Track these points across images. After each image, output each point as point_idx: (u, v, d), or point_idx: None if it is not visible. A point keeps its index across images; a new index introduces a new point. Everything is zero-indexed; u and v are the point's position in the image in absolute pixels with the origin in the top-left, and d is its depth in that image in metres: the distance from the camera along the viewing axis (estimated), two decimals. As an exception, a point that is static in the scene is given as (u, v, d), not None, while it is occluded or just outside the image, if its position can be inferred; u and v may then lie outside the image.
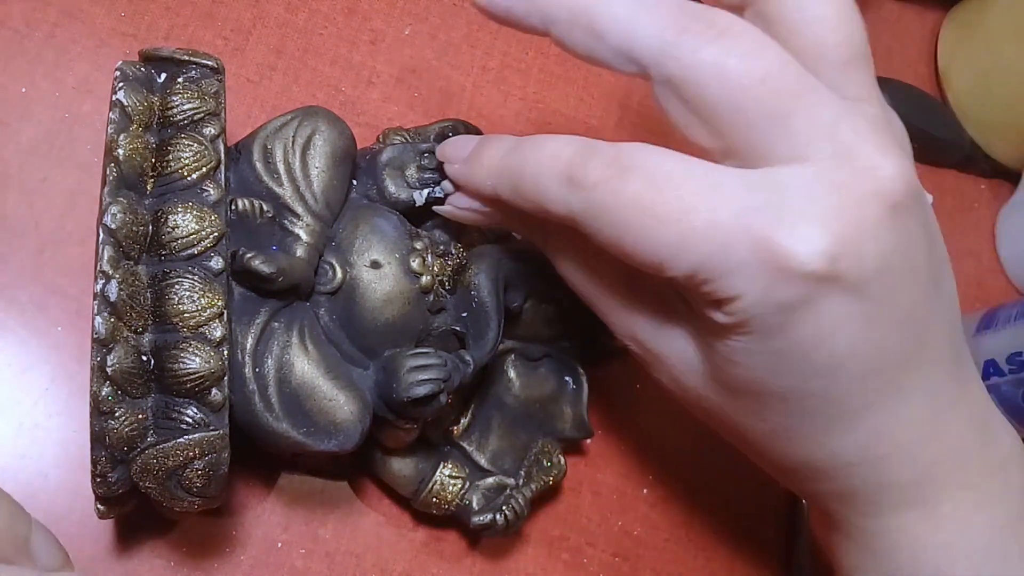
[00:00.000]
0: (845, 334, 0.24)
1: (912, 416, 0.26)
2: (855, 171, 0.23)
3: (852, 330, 0.24)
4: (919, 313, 0.25)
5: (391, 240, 0.29)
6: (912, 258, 0.24)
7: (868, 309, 0.23)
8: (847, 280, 0.23)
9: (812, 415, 0.26)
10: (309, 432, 0.27)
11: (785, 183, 0.23)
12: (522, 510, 0.32)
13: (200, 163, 0.26)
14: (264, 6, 0.38)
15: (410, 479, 0.32)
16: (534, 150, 0.26)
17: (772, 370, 0.25)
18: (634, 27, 0.23)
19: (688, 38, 0.23)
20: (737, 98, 0.23)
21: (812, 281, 0.22)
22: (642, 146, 0.24)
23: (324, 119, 0.29)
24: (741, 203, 0.23)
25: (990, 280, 0.48)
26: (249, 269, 0.26)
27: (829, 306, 0.23)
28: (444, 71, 0.40)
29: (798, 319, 0.23)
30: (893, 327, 0.24)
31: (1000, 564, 0.28)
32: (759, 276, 0.23)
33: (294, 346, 0.27)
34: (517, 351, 0.34)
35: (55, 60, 0.34)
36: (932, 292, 0.26)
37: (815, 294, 0.23)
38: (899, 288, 0.24)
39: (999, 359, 0.40)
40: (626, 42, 0.24)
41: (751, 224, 0.22)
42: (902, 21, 0.52)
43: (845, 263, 0.23)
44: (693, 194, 0.23)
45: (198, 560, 0.31)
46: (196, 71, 0.27)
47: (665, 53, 0.23)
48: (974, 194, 0.50)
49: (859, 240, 0.23)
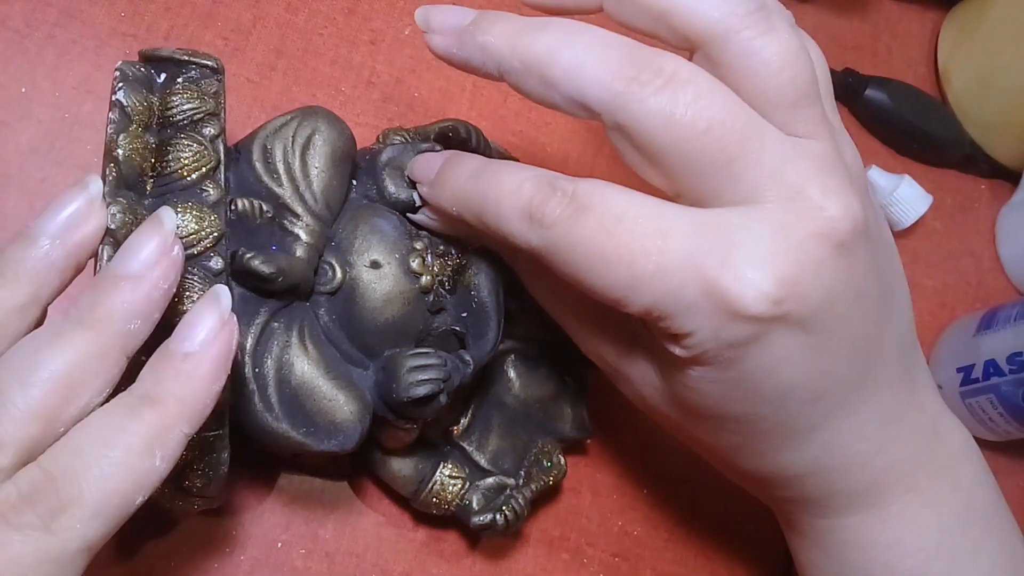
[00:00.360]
0: (792, 365, 0.25)
1: (861, 431, 0.28)
2: (800, 212, 0.24)
3: (799, 361, 0.25)
4: (867, 337, 0.26)
5: (391, 240, 0.29)
6: (860, 289, 0.25)
7: (814, 341, 0.25)
8: (792, 318, 0.24)
9: (765, 435, 0.27)
10: (309, 432, 0.27)
11: (733, 224, 0.24)
12: (522, 510, 0.32)
13: (200, 163, 0.26)
14: (264, 6, 0.38)
15: (410, 479, 0.32)
16: (495, 183, 0.26)
17: (726, 397, 0.26)
18: (584, 77, 0.24)
19: (636, 88, 0.24)
20: (683, 147, 0.24)
21: (758, 322, 0.23)
22: (598, 184, 0.25)
23: (324, 119, 0.29)
24: (690, 246, 0.23)
25: (990, 280, 0.48)
26: (249, 269, 0.26)
27: (776, 341, 0.24)
28: (444, 71, 0.40)
29: (747, 354, 0.24)
30: (840, 355, 0.26)
31: (949, 560, 0.29)
32: (709, 316, 0.24)
33: (294, 346, 0.27)
34: (517, 351, 0.34)
35: (55, 60, 0.34)
36: (881, 315, 0.27)
37: (762, 332, 0.24)
38: (845, 319, 0.25)
39: (999, 359, 0.40)
40: (577, 91, 0.24)
41: (699, 267, 0.23)
42: (902, 21, 0.52)
43: (789, 304, 0.23)
44: (643, 236, 0.23)
45: (198, 560, 0.31)
46: (196, 71, 0.27)
47: (614, 103, 0.24)
48: (974, 194, 0.50)
49: (803, 280, 0.23)
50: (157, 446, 0.21)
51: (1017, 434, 0.42)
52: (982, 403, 0.41)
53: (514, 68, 0.25)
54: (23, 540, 0.20)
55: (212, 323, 0.23)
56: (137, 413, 0.21)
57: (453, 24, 0.27)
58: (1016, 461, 0.45)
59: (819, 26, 0.50)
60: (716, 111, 0.24)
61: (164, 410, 0.22)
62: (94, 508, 0.20)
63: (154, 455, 0.21)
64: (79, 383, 0.21)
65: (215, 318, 0.23)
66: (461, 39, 0.26)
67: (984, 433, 0.43)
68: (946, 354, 0.44)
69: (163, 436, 0.21)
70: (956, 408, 0.43)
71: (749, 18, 0.24)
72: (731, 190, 0.24)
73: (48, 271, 0.23)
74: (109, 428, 0.21)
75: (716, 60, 0.25)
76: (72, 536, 0.20)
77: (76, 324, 0.22)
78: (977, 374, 0.41)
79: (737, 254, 0.23)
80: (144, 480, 0.21)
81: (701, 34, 0.25)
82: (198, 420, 0.22)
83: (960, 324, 0.44)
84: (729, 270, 0.23)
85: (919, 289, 0.46)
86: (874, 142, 0.48)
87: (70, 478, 0.20)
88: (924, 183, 0.46)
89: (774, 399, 0.26)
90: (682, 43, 0.25)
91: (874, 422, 0.28)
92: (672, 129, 0.23)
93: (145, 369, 0.22)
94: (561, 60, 0.24)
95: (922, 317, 0.46)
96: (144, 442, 0.21)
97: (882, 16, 0.51)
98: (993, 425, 0.42)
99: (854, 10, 0.51)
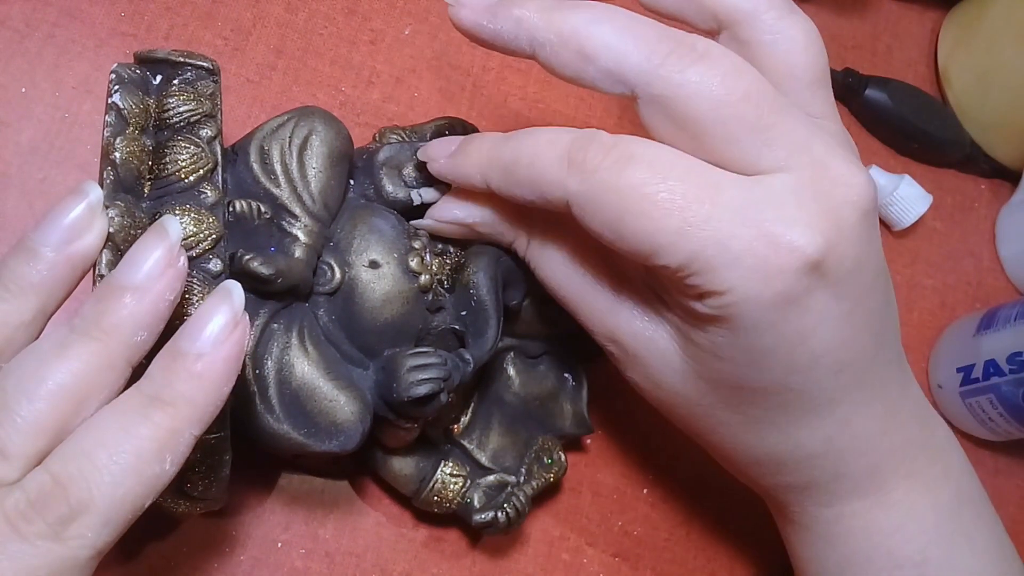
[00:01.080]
0: (824, 331, 0.25)
1: (871, 411, 0.28)
2: (831, 181, 0.25)
3: (830, 327, 0.25)
4: (881, 314, 0.27)
5: (389, 240, 0.29)
6: (877, 262, 0.26)
7: (844, 308, 0.25)
8: (830, 278, 0.24)
9: (787, 408, 0.27)
10: (310, 433, 0.27)
11: (776, 186, 0.24)
12: (523, 507, 0.32)
13: (197, 165, 0.26)
14: (264, 6, 0.38)
15: (411, 478, 0.32)
16: (529, 136, 0.27)
17: (755, 365, 0.26)
18: (623, 50, 0.25)
19: (674, 60, 0.24)
20: (722, 112, 0.24)
21: (804, 276, 0.24)
22: (643, 139, 0.25)
23: (320, 119, 0.29)
24: (742, 199, 0.24)
25: (990, 280, 0.48)
26: (248, 271, 0.26)
27: (814, 303, 0.25)
28: (444, 71, 0.40)
29: (785, 316, 0.25)
30: (862, 326, 0.26)
31: (947, 544, 0.30)
32: (755, 270, 0.24)
33: (294, 347, 0.27)
34: (516, 349, 0.34)
35: (55, 60, 0.34)
36: (889, 295, 0.28)
37: (803, 290, 0.24)
38: (869, 289, 0.26)
39: (999, 359, 0.40)
40: (616, 64, 0.25)
41: (752, 219, 0.24)
42: (902, 21, 0.52)
43: (829, 264, 0.24)
44: (696, 186, 0.24)
45: (198, 560, 0.31)
46: (192, 73, 0.27)
47: (653, 74, 0.25)
48: (974, 194, 0.50)
49: (841, 242, 0.24)
50: (167, 450, 0.21)
51: (1017, 434, 0.42)
52: (982, 403, 0.41)
53: (549, 41, 0.26)
54: (34, 552, 0.19)
55: (225, 321, 0.22)
56: (147, 415, 0.21)
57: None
58: (1016, 461, 0.45)
59: (819, 26, 0.49)
60: (750, 82, 0.25)
61: (175, 412, 0.21)
62: (105, 515, 0.20)
63: (164, 459, 0.21)
64: (85, 395, 0.21)
65: (228, 316, 0.22)
66: (494, 12, 0.27)
67: (984, 433, 0.43)
68: (946, 354, 0.44)
69: (173, 440, 0.21)
70: (956, 408, 0.43)
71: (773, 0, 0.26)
72: (768, 156, 0.25)
73: (53, 284, 0.22)
74: (119, 431, 0.21)
75: (743, 39, 0.27)
76: (82, 544, 0.20)
77: (81, 335, 0.21)
78: (977, 374, 0.41)
79: (786, 210, 0.24)
80: (154, 484, 0.21)
81: (729, 13, 0.27)
82: (207, 422, 0.22)
83: (960, 324, 0.44)
84: (782, 223, 0.24)
85: (919, 289, 0.46)
86: (874, 142, 0.48)
87: (80, 484, 0.20)
88: (924, 183, 0.46)
89: (803, 367, 0.26)
90: (710, 22, 0.27)
91: (882, 402, 0.28)
92: (712, 96, 0.24)
93: (154, 367, 0.22)
94: (599, 33, 0.25)
95: (922, 317, 0.46)
96: (155, 446, 0.21)
97: (882, 16, 0.51)
98: (993, 425, 0.42)
99: (854, 10, 0.51)
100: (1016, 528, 0.44)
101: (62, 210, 0.23)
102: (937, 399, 0.44)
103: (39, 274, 0.22)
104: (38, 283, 0.22)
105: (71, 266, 0.22)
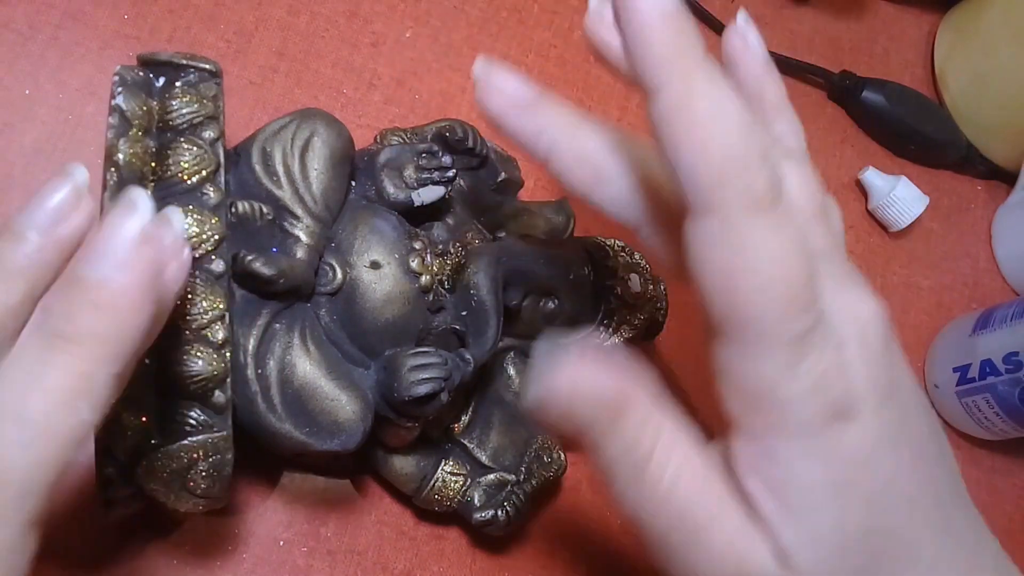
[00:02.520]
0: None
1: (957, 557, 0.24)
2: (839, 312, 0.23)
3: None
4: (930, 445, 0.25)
5: (390, 240, 0.29)
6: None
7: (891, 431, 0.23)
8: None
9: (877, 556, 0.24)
10: (312, 432, 0.27)
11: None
12: (523, 505, 0.32)
13: (200, 167, 0.26)
14: (266, 9, 0.38)
15: (412, 477, 0.32)
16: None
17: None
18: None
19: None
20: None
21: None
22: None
23: (322, 121, 0.29)
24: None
25: (986, 280, 0.48)
26: (250, 271, 0.26)
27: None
28: (445, 73, 0.41)
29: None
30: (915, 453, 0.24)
31: None
32: None
33: (296, 347, 0.27)
34: (517, 348, 0.35)
35: (58, 62, 0.34)
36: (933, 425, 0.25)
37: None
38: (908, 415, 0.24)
39: (995, 359, 0.41)
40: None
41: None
42: (899, 23, 0.52)
43: None
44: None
45: (201, 558, 0.31)
46: (194, 75, 0.28)
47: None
48: (971, 195, 0.50)
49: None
50: (80, 397, 0.18)
51: (1013, 433, 0.42)
52: (978, 402, 0.42)
53: (566, 156, 0.25)
54: None
55: (130, 237, 0.19)
56: (50, 360, 0.19)
57: (517, 90, 0.26)
58: (1012, 460, 0.45)
59: (817, 28, 0.50)
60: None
61: (82, 351, 0.18)
62: (22, 487, 0.18)
63: (79, 408, 0.18)
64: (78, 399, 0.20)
65: (133, 232, 0.19)
66: (523, 108, 0.26)
67: (980, 432, 0.43)
68: (942, 354, 0.44)
69: (86, 384, 0.18)
70: (952, 407, 0.43)
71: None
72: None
73: (40, 267, 0.21)
74: (20, 386, 0.18)
75: None
76: (6, 522, 0.18)
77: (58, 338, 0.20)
78: (973, 374, 0.42)
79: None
80: (71, 437, 0.18)
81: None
82: (126, 358, 0.19)
83: (956, 324, 0.45)
84: None
85: (916, 289, 0.47)
86: (871, 143, 0.49)
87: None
88: (921, 184, 0.46)
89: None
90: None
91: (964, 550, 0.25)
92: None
93: (51, 297, 0.20)
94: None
95: (919, 317, 0.46)
96: (65, 396, 0.18)
97: (879, 18, 0.52)
98: (989, 424, 0.42)
99: (851, 12, 0.51)
100: (1013, 527, 0.44)
101: (47, 193, 0.21)
102: (933, 399, 0.44)
103: (25, 256, 0.21)
104: (24, 266, 0.21)
105: (58, 249, 0.21)
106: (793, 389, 0.22)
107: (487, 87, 0.26)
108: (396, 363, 0.28)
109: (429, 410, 0.28)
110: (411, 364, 0.28)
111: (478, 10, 0.42)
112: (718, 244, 0.21)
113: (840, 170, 0.48)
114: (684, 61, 0.20)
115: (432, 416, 0.30)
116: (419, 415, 0.29)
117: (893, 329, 0.24)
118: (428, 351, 0.28)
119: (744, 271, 0.21)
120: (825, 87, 0.49)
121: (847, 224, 0.47)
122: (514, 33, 0.43)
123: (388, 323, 0.29)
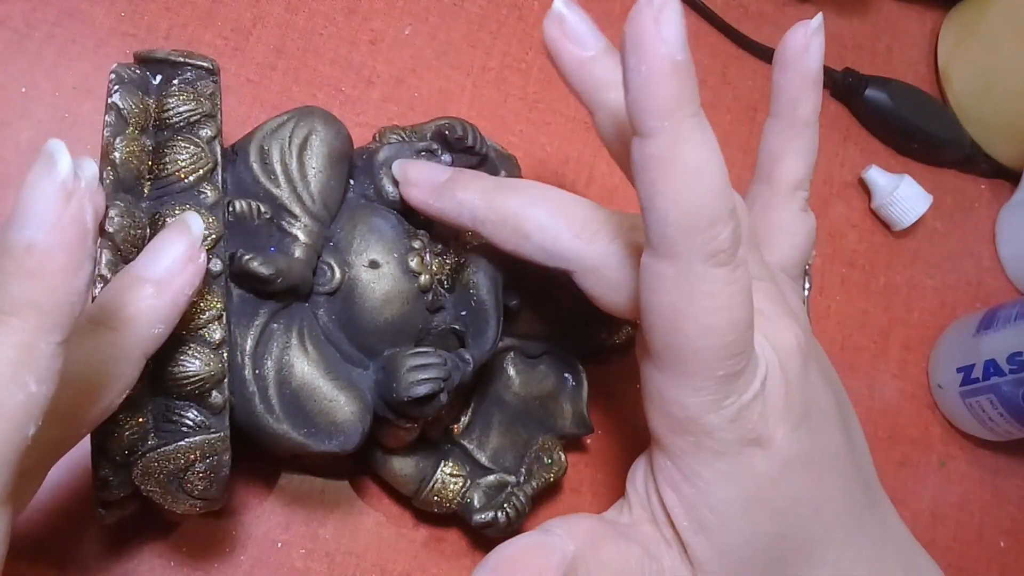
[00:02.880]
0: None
1: (861, 554, 0.28)
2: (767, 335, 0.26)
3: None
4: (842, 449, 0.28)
5: (389, 239, 0.29)
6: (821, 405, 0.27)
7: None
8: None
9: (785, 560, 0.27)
10: (310, 433, 0.27)
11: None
12: (523, 507, 0.32)
13: (197, 165, 0.26)
14: (264, 6, 0.38)
15: (411, 478, 0.32)
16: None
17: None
18: (556, 230, 0.26)
19: (602, 236, 0.26)
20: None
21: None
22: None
23: (320, 119, 0.29)
24: None
25: (990, 280, 0.48)
26: (248, 271, 0.26)
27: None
28: (444, 71, 0.40)
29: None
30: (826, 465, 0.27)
31: None
32: None
33: (294, 347, 0.27)
34: (516, 349, 0.34)
35: (55, 60, 0.34)
36: (849, 430, 0.28)
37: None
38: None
39: (999, 359, 0.40)
40: (551, 242, 0.26)
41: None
42: (902, 21, 0.52)
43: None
44: None
45: (198, 560, 0.31)
46: (191, 73, 0.27)
47: (584, 250, 0.26)
48: (974, 194, 0.50)
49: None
50: (26, 369, 0.18)
51: (1017, 434, 0.42)
52: (982, 403, 0.41)
53: (490, 220, 0.27)
54: None
55: (53, 197, 0.18)
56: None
57: (430, 179, 0.29)
58: (1016, 461, 0.45)
59: (819, 25, 0.50)
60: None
61: (18, 323, 0.18)
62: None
63: (25, 382, 0.18)
64: (100, 386, 0.21)
65: (55, 190, 0.18)
66: (439, 193, 0.28)
67: (984, 433, 0.43)
68: (946, 354, 0.44)
69: (29, 355, 0.18)
70: (956, 408, 0.43)
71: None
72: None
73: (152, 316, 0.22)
74: None
75: None
76: None
77: (99, 325, 0.21)
78: (977, 374, 0.42)
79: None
80: (23, 413, 0.18)
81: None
82: (66, 325, 0.18)
83: (960, 324, 0.44)
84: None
85: (919, 289, 0.46)
86: (874, 142, 0.49)
87: None
88: (924, 183, 0.46)
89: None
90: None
91: (868, 548, 0.28)
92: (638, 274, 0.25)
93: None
94: (534, 215, 0.27)
95: (922, 317, 0.46)
96: (8, 370, 0.18)
97: (882, 16, 0.51)
98: (993, 425, 0.42)
99: (854, 10, 0.51)
100: (1016, 528, 0.44)
101: (166, 244, 0.23)
102: (937, 399, 0.44)
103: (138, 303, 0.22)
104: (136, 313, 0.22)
105: (171, 301, 0.23)
106: (715, 420, 0.24)
107: (405, 184, 0.29)
108: (395, 363, 0.28)
109: (428, 411, 0.28)
110: (410, 364, 0.28)
111: (477, 7, 0.42)
112: (671, 288, 0.23)
113: (843, 168, 0.47)
114: (681, 112, 0.21)
115: (431, 417, 0.29)
116: (418, 416, 0.29)
117: (815, 352, 0.27)
118: (427, 351, 0.28)
119: (691, 318, 0.23)
120: (828, 85, 0.49)
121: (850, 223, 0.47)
122: (514, 30, 0.43)
123: (387, 323, 0.28)
